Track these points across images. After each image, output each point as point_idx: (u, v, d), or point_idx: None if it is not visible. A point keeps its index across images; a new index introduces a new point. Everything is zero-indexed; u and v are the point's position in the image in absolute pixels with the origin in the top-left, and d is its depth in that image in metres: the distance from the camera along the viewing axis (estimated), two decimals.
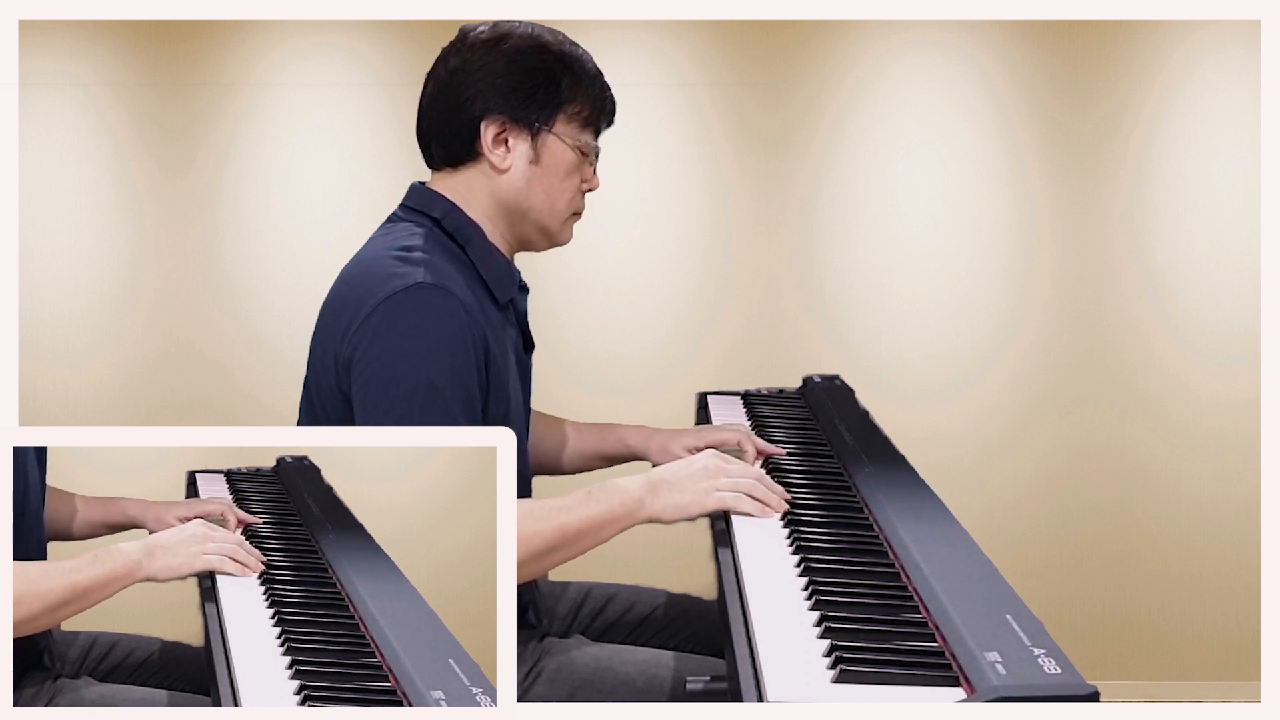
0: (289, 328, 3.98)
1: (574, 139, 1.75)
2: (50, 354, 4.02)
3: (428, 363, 1.57)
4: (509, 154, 1.73)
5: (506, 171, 1.73)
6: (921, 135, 3.98)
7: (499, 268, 1.75)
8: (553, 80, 1.73)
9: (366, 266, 1.68)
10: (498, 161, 1.73)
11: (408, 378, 1.57)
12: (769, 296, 4.00)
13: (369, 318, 1.60)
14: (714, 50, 4.00)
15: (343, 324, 1.64)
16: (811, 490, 1.77)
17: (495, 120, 1.72)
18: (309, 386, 1.72)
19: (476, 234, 1.74)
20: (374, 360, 1.59)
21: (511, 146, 1.73)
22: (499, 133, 1.72)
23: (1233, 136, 3.92)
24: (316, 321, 1.72)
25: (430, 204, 1.75)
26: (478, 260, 1.73)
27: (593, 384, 3.95)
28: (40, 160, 4.03)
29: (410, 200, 1.78)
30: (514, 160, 1.73)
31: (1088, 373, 3.97)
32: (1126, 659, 3.94)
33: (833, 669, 1.26)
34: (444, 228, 1.73)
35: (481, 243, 1.74)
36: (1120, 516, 3.96)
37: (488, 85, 1.72)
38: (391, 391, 1.57)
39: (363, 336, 1.60)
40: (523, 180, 1.74)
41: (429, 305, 1.59)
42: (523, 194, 1.74)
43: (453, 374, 1.58)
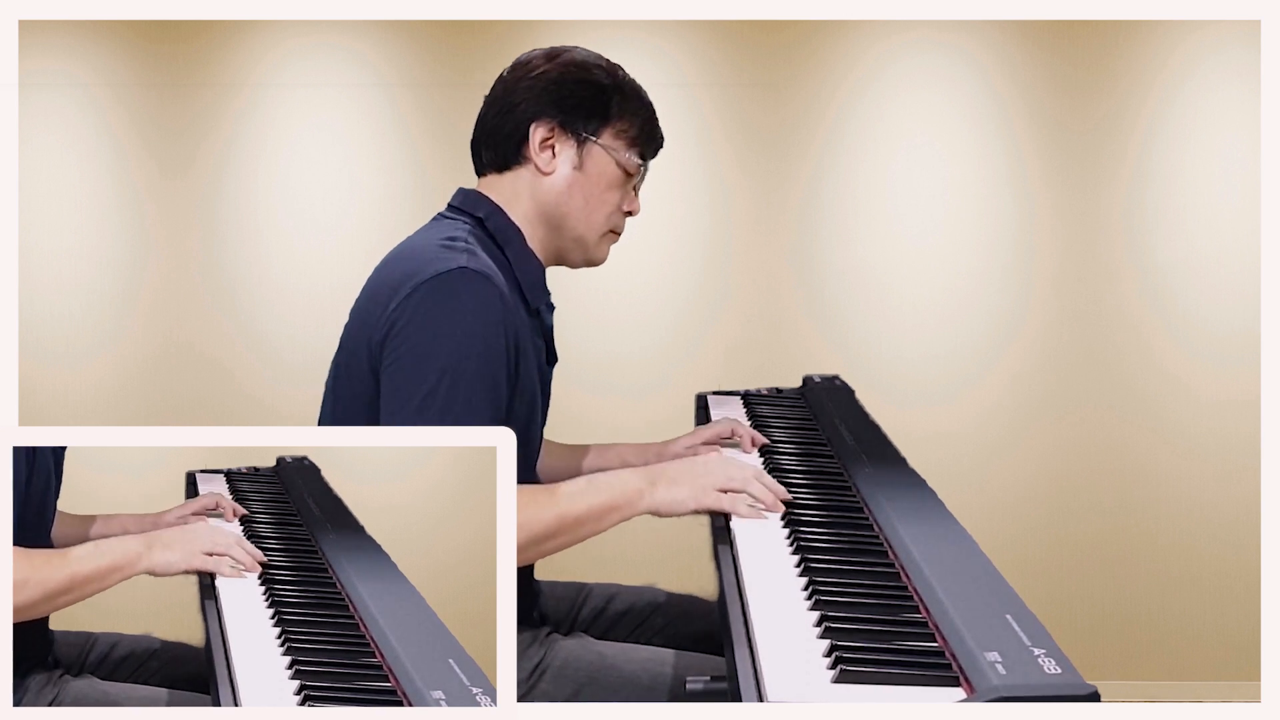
0: (289, 328, 3.98)
1: (619, 155, 1.79)
2: (50, 354, 4.02)
3: (462, 345, 1.59)
4: (554, 159, 1.77)
5: (550, 175, 1.77)
6: (921, 135, 3.99)
7: (534, 272, 1.78)
8: (603, 95, 1.78)
9: (410, 252, 1.71)
10: (543, 164, 1.77)
11: (440, 357, 1.58)
12: (769, 296, 4.00)
13: (410, 296, 1.62)
14: (714, 50, 4.01)
15: (382, 303, 1.65)
16: (811, 490, 1.77)
17: (545, 124, 1.76)
18: (338, 369, 1.73)
19: (517, 237, 1.77)
20: (410, 336, 1.60)
21: (558, 152, 1.77)
22: (547, 137, 1.77)
23: (1233, 136, 3.92)
24: (353, 305, 1.73)
25: (475, 205, 1.79)
26: (515, 262, 1.76)
27: (593, 384, 3.95)
28: (40, 160, 4.03)
29: (456, 200, 1.82)
30: (559, 165, 1.77)
31: (1088, 373, 3.97)
32: (1126, 659, 3.94)
33: (833, 669, 1.26)
34: (487, 228, 1.76)
35: (521, 246, 1.77)
36: (1120, 516, 3.96)
37: (541, 91, 1.76)
38: (422, 368, 1.59)
39: (402, 312, 1.62)
40: (565, 185, 1.77)
41: (470, 290, 1.61)
42: (563, 199, 1.78)
43: (484, 360, 1.60)
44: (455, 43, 3.98)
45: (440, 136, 3.95)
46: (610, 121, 1.78)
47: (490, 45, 3.89)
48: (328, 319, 1.76)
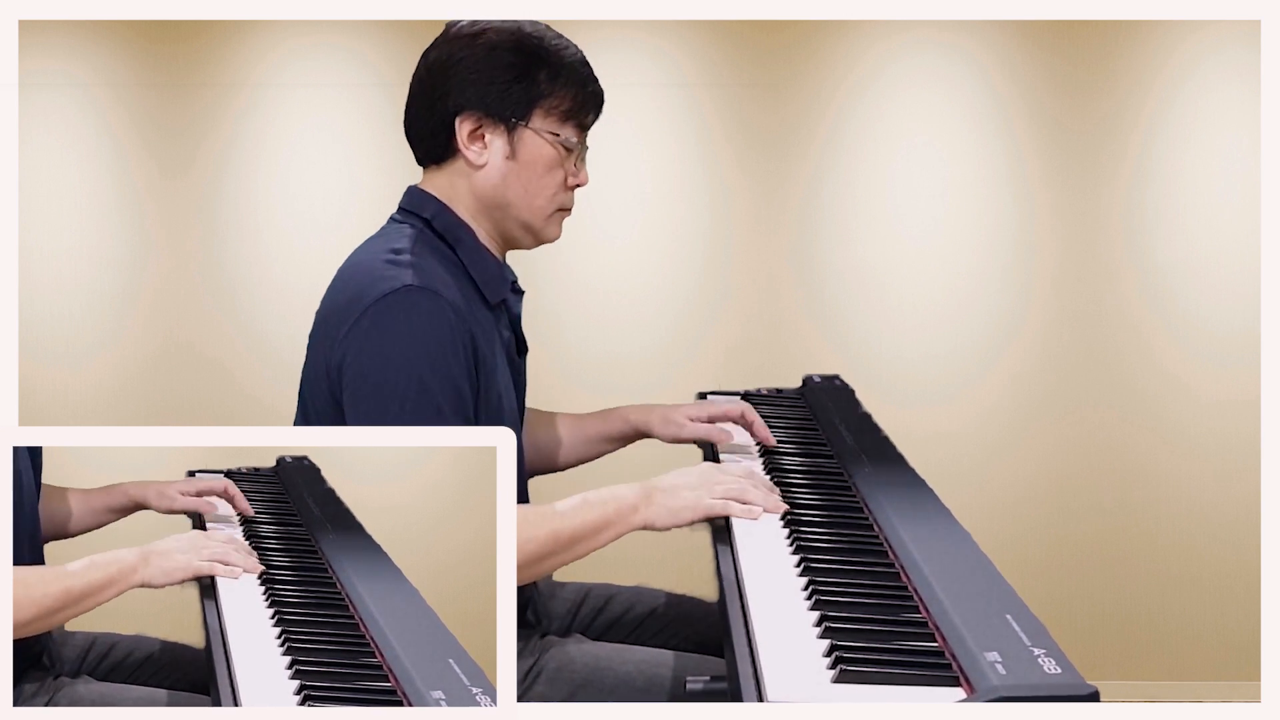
0: (289, 328, 3.98)
1: (553, 134, 1.72)
2: (50, 354, 4.02)
3: (417, 365, 1.57)
4: (485, 150, 1.72)
5: (483, 168, 1.72)
6: (921, 135, 3.98)
7: (489, 268, 1.75)
8: (529, 73, 1.69)
9: (356, 271, 1.68)
10: (473, 158, 1.71)
11: (398, 381, 1.57)
12: (769, 296, 4.00)
13: (358, 322, 1.60)
14: (714, 50, 4.00)
15: (333, 329, 1.64)
16: (811, 490, 1.77)
17: (470, 116, 1.70)
18: (303, 393, 1.72)
19: (467, 234, 1.74)
20: (364, 364, 1.59)
21: (488, 143, 1.71)
22: (475, 129, 1.71)
23: (1233, 136, 3.92)
24: (313, 324, 1.72)
25: (421, 205, 1.75)
26: (468, 260, 1.73)
27: (593, 384, 3.95)
28: (40, 160, 4.03)
29: (404, 202, 1.79)
30: (490, 156, 1.72)
31: (1088, 373, 3.97)
32: (1126, 659, 3.94)
33: (833, 669, 1.26)
34: (435, 229, 1.73)
35: (472, 243, 1.74)
36: (1120, 516, 3.96)
37: (463, 80, 1.69)
38: (383, 394, 1.57)
39: (352, 341, 1.60)
40: (499, 176, 1.72)
41: (417, 308, 1.59)
42: (500, 190, 1.73)
43: (443, 375, 1.58)
44: None
45: None
46: (539, 101, 1.70)
47: None
48: None
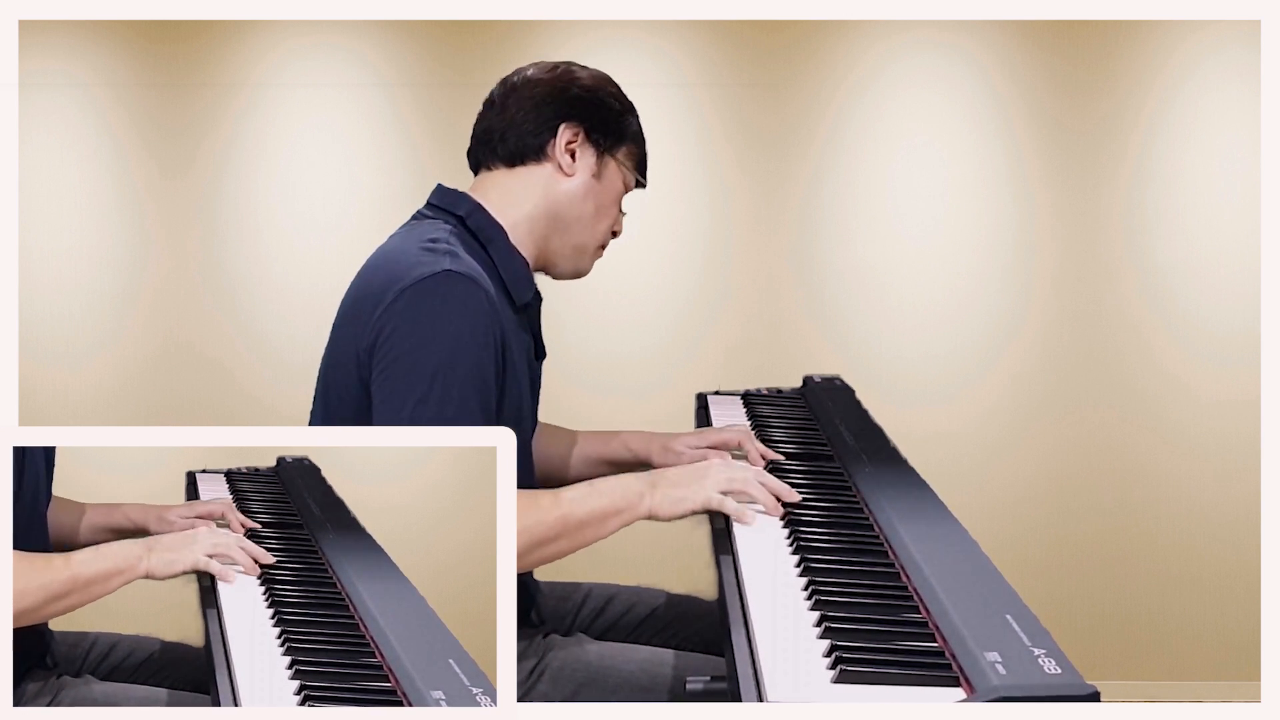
0: (289, 328, 3.98)
1: (628, 173, 1.85)
2: (50, 354, 4.02)
3: (450, 348, 1.59)
4: (574, 162, 1.79)
5: (570, 178, 1.79)
6: (921, 135, 3.98)
7: (519, 268, 1.77)
8: (628, 114, 1.85)
9: (391, 257, 1.70)
10: (565, 165, 1.79)
11: (430, 362, 1.58)
12: (769, 296, 4.00)
13: (394, 302, 1.61)
14: (714, 50, 4.00)
15: (365, 312, 1.65)
16: (811, 490, 1.77)
17: (573, 127, 1.78)
18: (325, 379, 1.72)
19: (499, 234, 1.77)
20: (398, 343, 1.60)
21: (579, 156, 1.79)
22: (571, 140, 1.79)
23: (1233, 136, 3.92)
24: (337, 314, 1.72)
25: (455, 203, 1.78)
26: (499, 260, 1.75)
27: (593, 384, 3.95)
28: (40, 160, 4.03)
29: (434, 199, 1.81)
30: (579, 169, 1.80)
31: (1088, 373, 3.97)
32: (1126, 659, 3.94)
33: (833, 669, 1.26)
34: (468, 226, 1.76)
35: (504, 243, 1.77)
36: (1120, 516, 3.96)
37: (580, 95, 1.80)
38: (414, 374, 1.58)
39: (387, 320, 1.61)
40: (582, 190, 1.80)
41: (454, 292, 1.61)
42: (577, 203, 1.80)
43: (473, 362, 1.60)
44: (455, 43, 3.98)
45: (440, 136, 3.94)
46: (625, 141, 1.83)
47: (490, 45, 3.90)
48: (328, 319, 1.75)
